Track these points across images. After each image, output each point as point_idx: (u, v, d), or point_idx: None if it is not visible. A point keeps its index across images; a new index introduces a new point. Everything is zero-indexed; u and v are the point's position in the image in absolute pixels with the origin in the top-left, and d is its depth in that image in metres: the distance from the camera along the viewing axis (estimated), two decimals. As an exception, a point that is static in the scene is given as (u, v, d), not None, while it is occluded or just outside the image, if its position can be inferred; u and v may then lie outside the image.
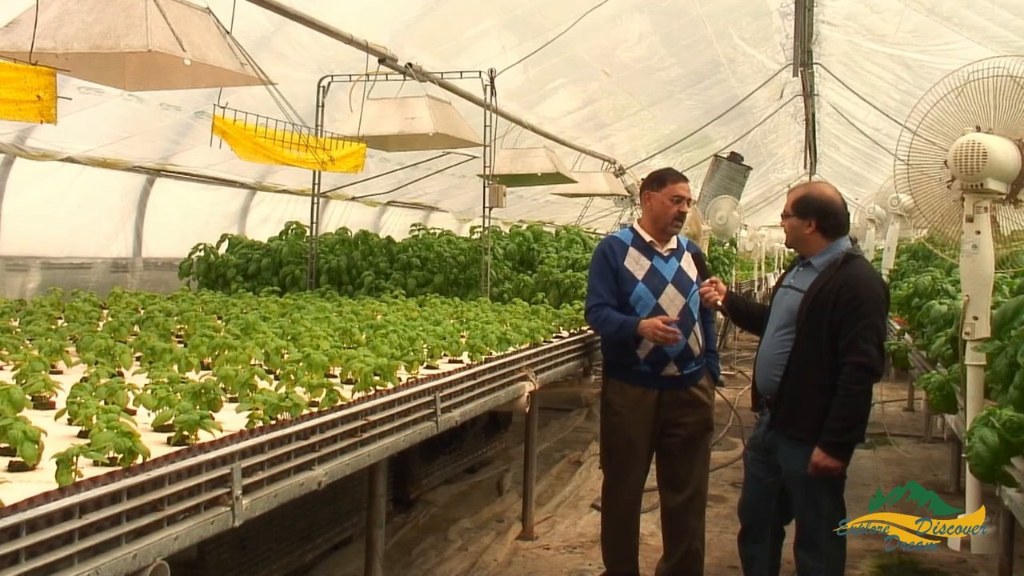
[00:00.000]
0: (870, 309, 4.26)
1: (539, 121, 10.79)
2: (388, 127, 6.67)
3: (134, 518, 2.37)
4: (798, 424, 4.34)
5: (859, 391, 4.20)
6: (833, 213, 4.48)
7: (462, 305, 6.67)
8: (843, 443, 4.23)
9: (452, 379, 4.22)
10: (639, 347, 5.03)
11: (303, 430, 3.10)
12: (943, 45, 9.25)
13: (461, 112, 7.30)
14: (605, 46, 10.61)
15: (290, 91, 5.46)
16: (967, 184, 3.85)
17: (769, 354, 4.51)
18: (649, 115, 13.83)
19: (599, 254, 5.26)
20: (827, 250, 4.45)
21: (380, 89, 6.82)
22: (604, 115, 13.36)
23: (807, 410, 4.30)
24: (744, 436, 8.69)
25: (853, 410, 4.21)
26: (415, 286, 7.73)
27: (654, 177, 5.28)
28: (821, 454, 4.20)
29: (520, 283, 7.67)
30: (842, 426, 4.20)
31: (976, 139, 3.78)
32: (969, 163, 3.77)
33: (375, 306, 6.32)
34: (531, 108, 10.93)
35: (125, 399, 3.06)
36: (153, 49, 3.58)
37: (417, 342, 4.63)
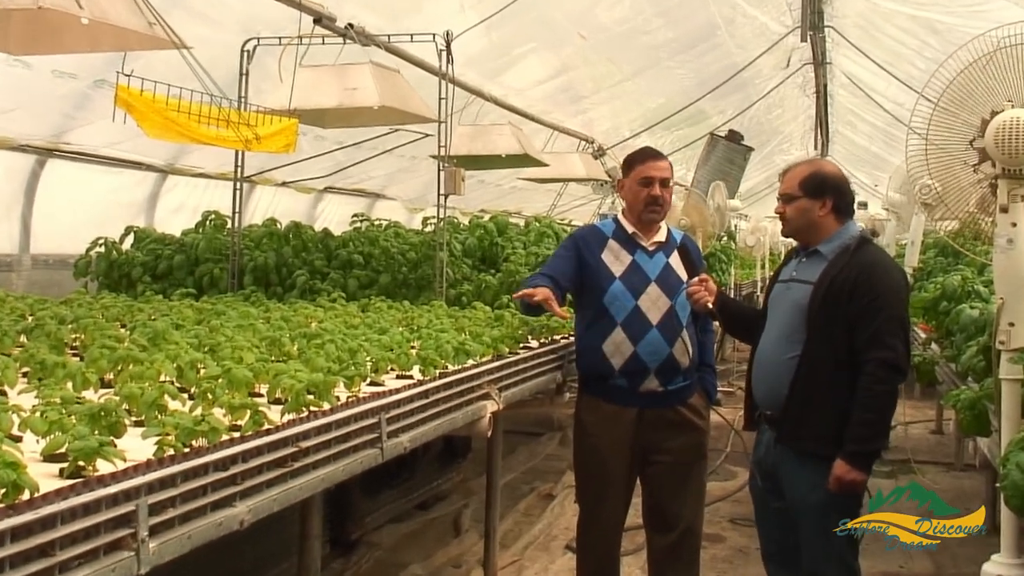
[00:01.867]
0: (893, 299, 4.33)
1: (504, 93, 10.80)
2: (325, 99, 6.65)
3: (19, 566, 2.34)
4: (813, 436, 4.36)
5: (884, 392, 4.25)
6: (847, 191, 4.58)
7: (412, 310, 6.66)
8: (869, 453, 4.28)
9: (400, 398, 4.21)
10: (610, 354, 5.05)
11: (222, 459, 3.08)
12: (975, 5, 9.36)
13: (412, 82, 7.29)
14: (582, 5, 10.66)
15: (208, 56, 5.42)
16: (1008, 168, 3.89)
17: (772, 360, 4.53)
18: (633, 86, 13.88)
19: (568, 241, 5.32)
20: (837, 235, 4.50)
21: (316, 54, 6.80)
22: (580, 86, 13.39)
23: (823, 419, 4.32)
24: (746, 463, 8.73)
25: (879, 414, 4.26)
26: (357, 288, 7.71)
27: (625, 160, 5.39)
28: (844, 466, 4.23)
29: (481, 284, 7.68)
30: (867, 432, 4.24)
31: (1022, 116, 3.81)
32: (1013, 144, 3.81)
33: (309, 311, 6.29)
34: (494, 78, 10.94)
35: (9, 423, 3.03)
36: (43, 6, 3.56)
37: (359, 354, 4.61)
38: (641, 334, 5.04)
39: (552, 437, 10.75)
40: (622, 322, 5.05)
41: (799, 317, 4.43)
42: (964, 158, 4.21)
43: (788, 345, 4.46)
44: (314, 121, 7.47)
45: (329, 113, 7.00)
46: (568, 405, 6.05)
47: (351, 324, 5.78)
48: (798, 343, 4.41)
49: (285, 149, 6.59)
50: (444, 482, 8.27)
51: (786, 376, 4.43)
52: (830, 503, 4.32)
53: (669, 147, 16.31)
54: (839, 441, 4.26)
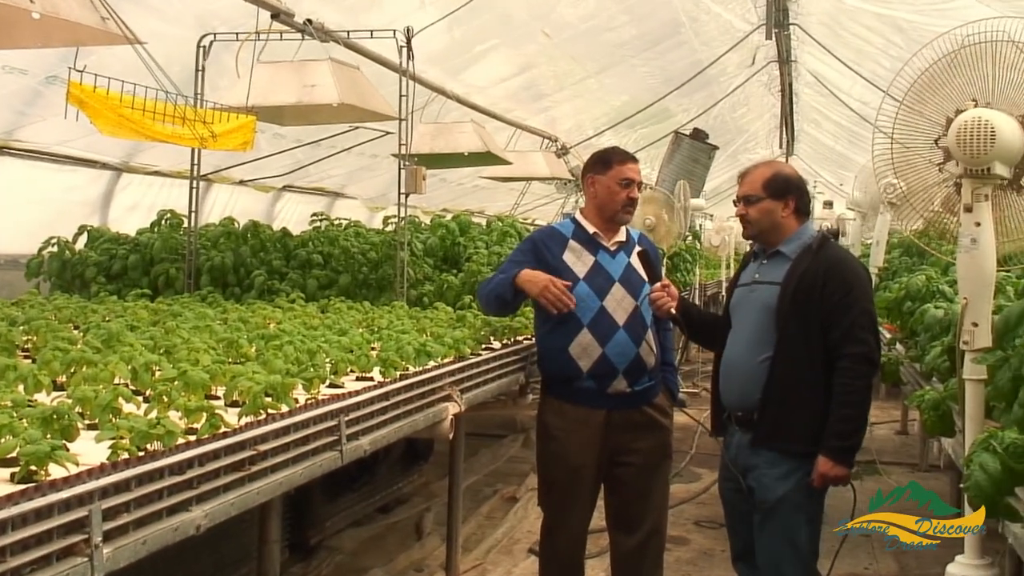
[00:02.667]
0: (861, 294, 4.43)
1: (466, 91, 10.80)
2: (283, 96, 6.63)
3: (-31, 572, 2.33)
4: (791, 436, 4.41)
5: (861, 386, 4.35)
6: (806, 191, 4.70)
7: (373, 311, 6.65)
8: (850, 447, 4.36)
9: (360, 400, 4.20)
10: (578, 356, 5.06)
11: (178, 463, 3.07)
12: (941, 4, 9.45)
13: (372, 79, 7.29)
14: (545, 1, 10.66)
15: (163, 52, 5.41)
16: (971, 168, 3.93)
17: (743, 363, 4.57)
18: (597, 84, 13.91)
19: (527, 243, 5.33)
20: (797, 235, 4.59)
21: (273, 50, 6.78)
22: (544, 84, 13.41)
23: (801, 418, 4.39)
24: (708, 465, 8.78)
25: (858, 408, 4.35)
26: (316, 288, 7.70)
27: (598, 158, 5.34)
28: (828, 462, 4.30)
29: (443, 284, 7.68)
30: (848, 427, 4.33)
31: (983, 115, 3.85)
32: (976, 144, 3.85)
33: (267, 312, 6.27)
34: (456, 75, 10.94)
35: (-42, 427, 3.00)
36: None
37: (318, 355, 4.61)
38: (608, 335, 5.06)
39: (515, 439, 10.75)
40: (588, 323, 5.06)
41: (768, 318, 4.48)
42: (930, 157, 4.25)
43: (758, 347, 4.51)
44: (272, 118, 7.44)
45: (287, 110, 6.98)
46: (531, 407, 6.05)
47: (310, 325, 5.77)
48: (769, 345, 4.47)
49: (242, 147, 6.57)
50: (405, 485, 8.26)
51: (759, 379, 4.48)
52: (802, 499, 4.39)
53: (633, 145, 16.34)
54: (817, 438, 4.33)
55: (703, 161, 16.47)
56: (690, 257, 14.80)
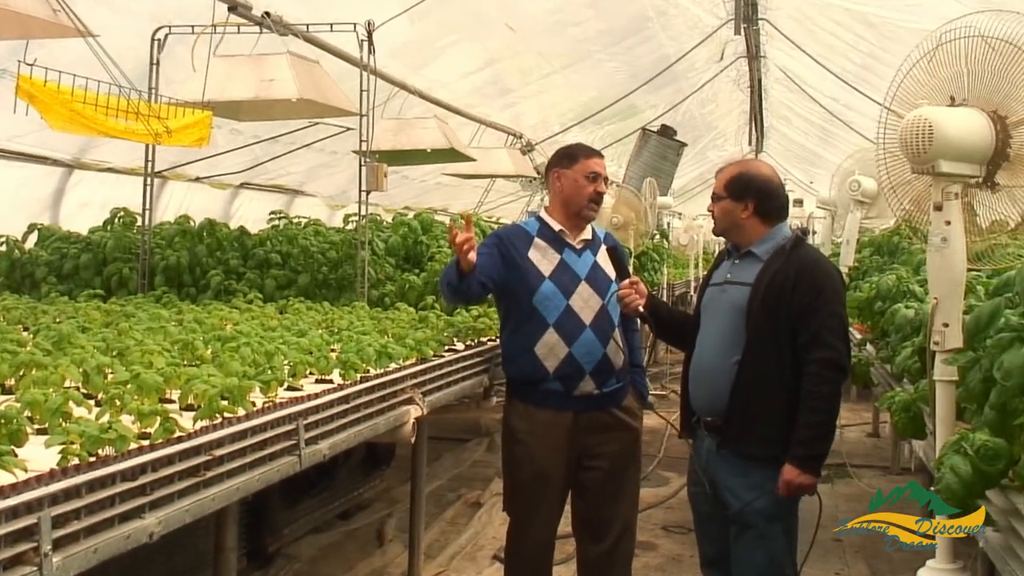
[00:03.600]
0: (832, 296, 4.44)
1: (429, 86, 10.79)
2: (241, 91, 6.60)
3: (-87, 582, 2.31)
4: (758, 440, 4.41)
5: (829, 393, 4.34)
6: (773, 194, 4.64)
7: (333, 312, 6.64)
8: (818, 455, 4.36)
9: (320, 403, 4.20)
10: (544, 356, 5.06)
11: (131, 468, 3.05)
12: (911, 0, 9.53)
13: (332, 74, 7.27)
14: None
15: (117, 45, 5.37)
16: (917, 168, 3.97)
17: (712, 365, 4.57)
18: (563, 79, 13.94)
19: (491, 239, 5.31)
20: (769, 237, 4.59)
21: (230, 44, 6.75)
22: (508, 79, 13.43)
23: (768, 422, 4.39)
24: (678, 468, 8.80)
25: (825, 415, 4.35)
26: (274, 288, 7.67)
27: (563, 152, 5.35)
28: (794, 470, 4.30)
29: (405, 284, 7.67)
30: (814, 434, 4.32)
31: (923, 114, 3.87)
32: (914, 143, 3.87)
33: (224, 313, 6.25)
34: (419, 70, 10.93)
35: (-98, 432, 2.98)
36: (-62, -9, 3.49)
37: (276, 357, 4.60)
38: (575, 335, 5.07)
39: (479, 443, 10.76)
40: (554, 323, 5.07)
41: (738, 319, 4.50)
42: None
43: (728, 349, 4.52)
44: (229, 114, 7.41)
45: (245, 105, 6.95)
46: (496, 410, 6.07)
47: (268, 326, 5.75)
48: (738, 346, 4.48)
49: (198, 143, 6.54)
50: (366, 491, 8.25)
51: (727, 381, 4.49)
52: (775, 509, 4.39)
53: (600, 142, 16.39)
54: (785, 444, 4.34)
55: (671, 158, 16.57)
56: (658, 256, 14.84)
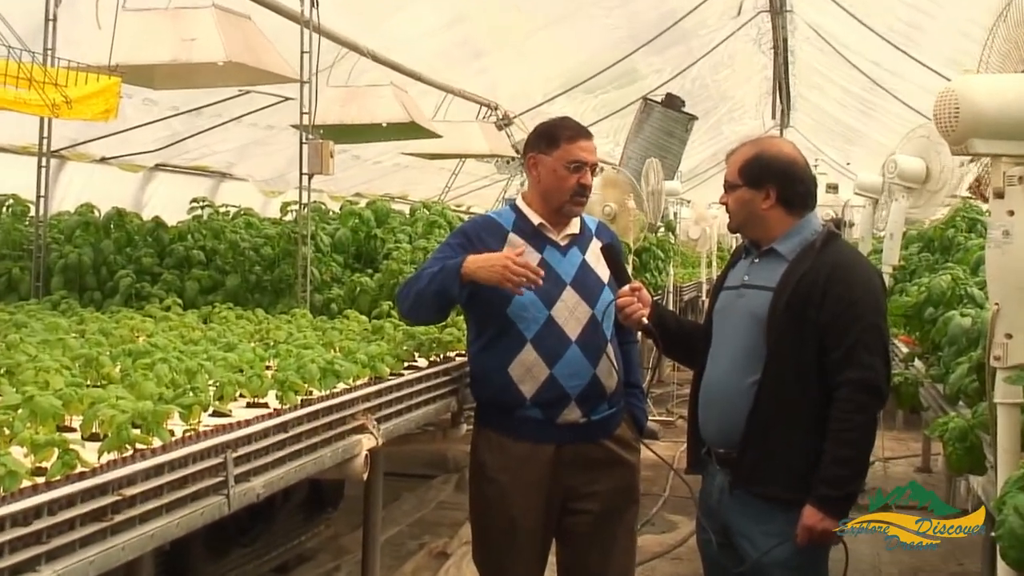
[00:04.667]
0: (869, 304, 4.42)
1: (385, 46, 10.78)
2: (156, 53, 6.59)
3: None
4: (778, 478, 4.41)
5: (861, 422, 4.33)
6: (798, 178, 4.60)
7: (268, 321, 6.64)
8: (846, 496, 4.33)
9: (252, 432, 4.19)
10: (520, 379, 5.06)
11: (22, 511, 3.05)
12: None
13: (267, 31, 7.26)
14: (482, -64, 10.70)
15: None
16: (955, 150, 4.00)
17: (725, 385, 4.56)
18: (547, 39, 13.96)
19: (457, 235, 5.33)
20: (795, 231, 4.56)
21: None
22: (481, 40, 13.45)
23: (791, 456, 4.38)
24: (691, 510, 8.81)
25: (856, 448, 4.34)
26: (197, 292, 7.65)
27: (542, 132, 5.29)
28: (816, 514, 4.30)
29: (356, 287, 7.66)
30: (843, 472, 4.32)
31: (953, 87, 3.90)
32: (942, 120, 3.90)
33: (136, 323, 6.23)
34: (374, 28, 10.94)
35: None
36: None
37: (199, 376, 4.58)
38: (558, 353, 5.06)
39: (446, 480, 10.76)
40: (533, 338, 5.06)
41: (756, 331, 4.48)
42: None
43: (744, 367, 4.51)
44: (142, 80, 7.39)
45: (161, 70, 6.94)
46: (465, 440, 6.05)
47: (189, 339, 5.73)
48: (756, 364, 4.46)
49: (104, 116, 6.52)
50: (309, 538, 8.24)
51: (743, 405, 4.47)
52: (799, 560, 4.40)
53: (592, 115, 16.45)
54: (809, 483, 4.34)
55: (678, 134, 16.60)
56: (662, 253, 14.84)
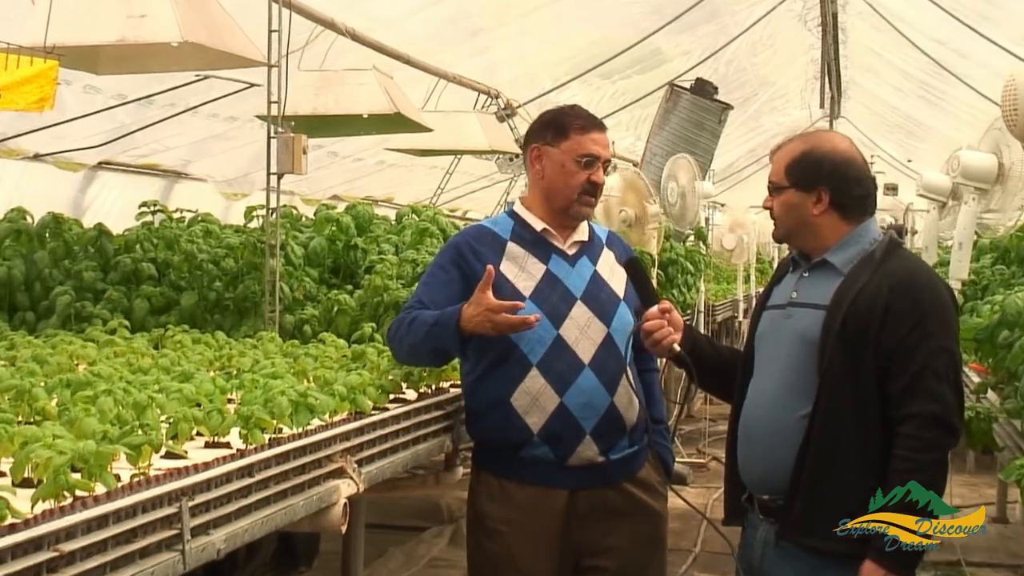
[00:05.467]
0: (939, 327, 4.38)
1: (367, 24, 10.81)
2: (100, 32, 6.60)
3: None
4: (830, 530, 4.41)
5: (930, 462, 4.29)
6: (855, 178, 4.57)
7: (231, 346, 6.63)
8: (912, 550, 4.29)
9: (212, 476, 4.19)
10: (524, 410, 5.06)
11: (-57, 571, 3.05)
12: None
13: (229, 7, 7.27)
14: None
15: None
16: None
17: (770, 420, 4.55)
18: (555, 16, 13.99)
19: (447, 251, 5.34)
20: (852, 239, 4.54)
21: (84, -35, 6.76)
22: (479, 16, 13.47)
23: (845, 504, 4.35)
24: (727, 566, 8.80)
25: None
26: (147, 312, 7.65)
27: (548, 121, 5.30)
28: (878, 571, 4.27)
29: (333, 306, 7.66)
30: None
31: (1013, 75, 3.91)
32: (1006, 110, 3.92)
33: (75, 348, 6.23)
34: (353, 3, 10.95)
35: None
36: None
37: (149, 412, 4.58)
38: (569, 378, 5.05)
39: (439, 533, 10.75)
40: (539, 362, 5.05)
41: (806, 357, 4.46)
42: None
43: (792, 399, 4.49)
44: (84, 64, 7.40)
45: (106, 52, 6.94)
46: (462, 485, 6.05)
47: (138, 367, 5.73)
48: (807, 395, 4.44)
49: (39, 105, 6.53)
50: (279, 601, 8.24)
51: (791, 444, 4.45)
52: None
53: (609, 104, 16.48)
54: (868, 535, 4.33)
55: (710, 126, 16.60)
56: (691, 266, 14.81)
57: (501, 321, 4.90)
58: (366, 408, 5.45)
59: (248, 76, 9.35)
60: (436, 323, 5.04)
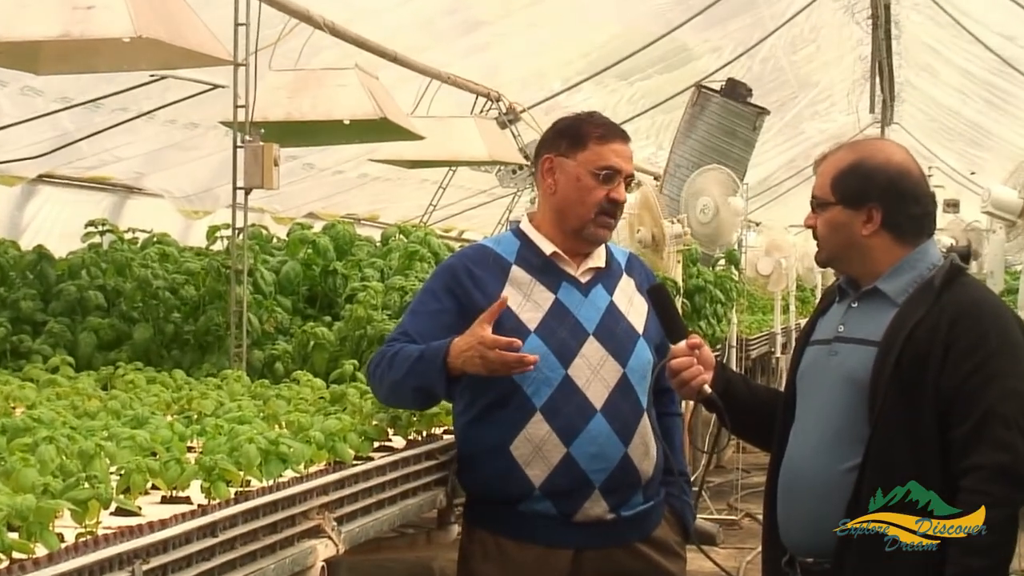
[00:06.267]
0: (1008, 366, 4.34)
1: (348, 16, 10.86)
2: (40, 26, 6.62)
3: None
4: None
5: (996, 520, 4.26)
6: (912, 194, 4.53)
7: (191, 386, 6.64)
8: None
9: (169, 536, 4.20)
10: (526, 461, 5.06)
11: None
12: None
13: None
14: None
15: None
16: None
17: (812, 472, 4.55)
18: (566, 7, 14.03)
19: (441, 274, 5.34)
20: (906, 265, 4.52)
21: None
22: (478, 6, 13.50)
23: (901, 569, 4.37)
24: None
25: (989, 558, 4.28)
26: (94, 348, 7.66)
27: (563, 129, 5.29)
28: None
29: (309, 341, 7.67)
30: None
31: None
32: None
33: (11, 389, 6.24)
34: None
35: None
36: None
37: (97, 462, 4.58)
38: (577, 425, 5.05)
39: (431, 601, 10.76)
40: (544, 406, 5.05)
41: (856, 400, 4.45)
42: None
43: (839, 448, 4.48)
44: (21, 63, 7.44)
45: (47, 49, 6.98)
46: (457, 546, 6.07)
47: (84, 411, 5.74)
48: (856, 444, 4.43)
49: (-30, 110, 6.56)
50: None
51: (839, 499, 4.44)
52: None
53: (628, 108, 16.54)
54: None
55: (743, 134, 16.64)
56: (722, 295, 14.80)
57: (494, 359, 4.86)
58: (347, 457, 5.46)
59: (211, 76, 9.39)
60: (421, 357, 5.03)
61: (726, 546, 11.89)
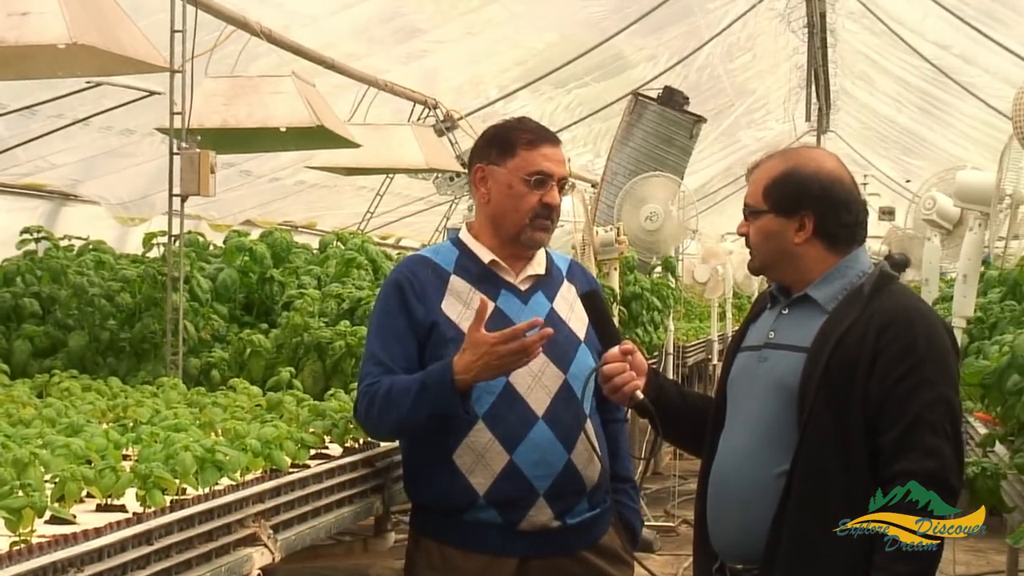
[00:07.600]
0: (937, 373, 4.35)
1: (285, 22, 10.85)
2: (-27, 32, 6.61)
3: None
4: None
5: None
6: (844, 201, 4.54)
7: (127, 394, 6.61)
8: None
9: (104, 544, 4.18)
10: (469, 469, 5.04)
11: None
12: None
13: (125, 5, 7.28)
14: None
15: None
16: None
17: (742, 478, 4.54)
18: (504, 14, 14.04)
19: (388, 290, 5.28)
20: (837, 272, 4.53)
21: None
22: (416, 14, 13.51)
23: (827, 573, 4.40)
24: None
25: (917, 565, 4.30)
26: (29, 355, 7.63)
27: (493, 137, 5.27)
28: None
29: (246, 348, 7.65)
30: None
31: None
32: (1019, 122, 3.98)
33: (-55, 398, 6.22)
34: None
35: None
36: None
37: (32, 470, 4.57)
38: (520, 433, 5.03)
39: (368, 609, 10.74)
40: (486, 414, 5.02)
41: (785, 406, 4.45)
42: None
43: (768, 454, 4.48)
44: (-46, 69, 7.42)
45: (-19, 55, 6.96)
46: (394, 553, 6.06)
47: (18, 418, 5.72)
48: (785, 450, 4.42)
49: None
50: None
51: (767, 505, 4.44)
52: None
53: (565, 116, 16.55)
54: None
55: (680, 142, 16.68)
56: (659, 302, 14.82)
57: (514, 349, 4.78)
58: (283, 465, 5.45)
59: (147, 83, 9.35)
60: (423, 387, 4.96)
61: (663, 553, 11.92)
